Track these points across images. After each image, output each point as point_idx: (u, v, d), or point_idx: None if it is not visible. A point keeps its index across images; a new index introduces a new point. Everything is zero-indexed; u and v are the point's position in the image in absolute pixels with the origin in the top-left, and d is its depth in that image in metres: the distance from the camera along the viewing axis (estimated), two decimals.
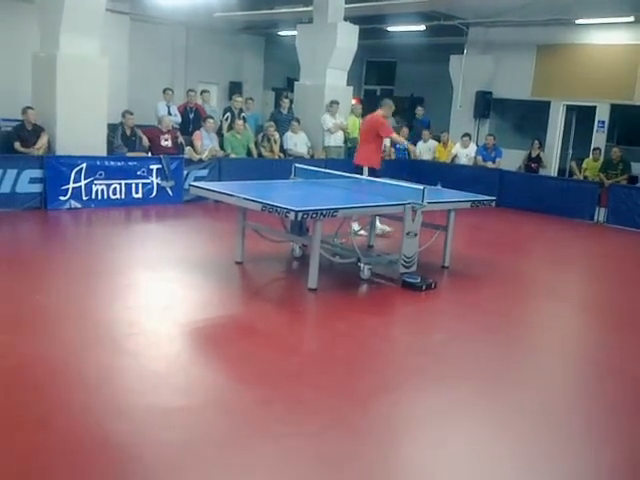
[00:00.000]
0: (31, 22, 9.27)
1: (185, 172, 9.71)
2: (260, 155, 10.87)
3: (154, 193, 9.44)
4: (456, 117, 14.88)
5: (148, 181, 9.36)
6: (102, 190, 8.93)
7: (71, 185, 8.62)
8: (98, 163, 8.88)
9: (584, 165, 11.86)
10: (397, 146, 12.89)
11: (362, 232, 7.83)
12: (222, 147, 10.45)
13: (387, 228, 8.13)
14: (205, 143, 10.14)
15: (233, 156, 10.42)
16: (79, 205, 8.71)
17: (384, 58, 18.07)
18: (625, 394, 4.09)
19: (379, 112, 8.29)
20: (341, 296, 5.72)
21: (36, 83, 9.09)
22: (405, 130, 13.30)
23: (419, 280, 5.99)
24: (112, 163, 9.05)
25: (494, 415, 3.68)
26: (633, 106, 12.71)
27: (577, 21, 12.49)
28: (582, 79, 13.11)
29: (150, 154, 9.74)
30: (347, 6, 11.65)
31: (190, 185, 6.92)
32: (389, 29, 14.85)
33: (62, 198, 8.59)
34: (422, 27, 14.18)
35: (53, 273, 5.90)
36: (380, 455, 3.13)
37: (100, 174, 8.87)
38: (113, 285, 5.56)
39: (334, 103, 11.25)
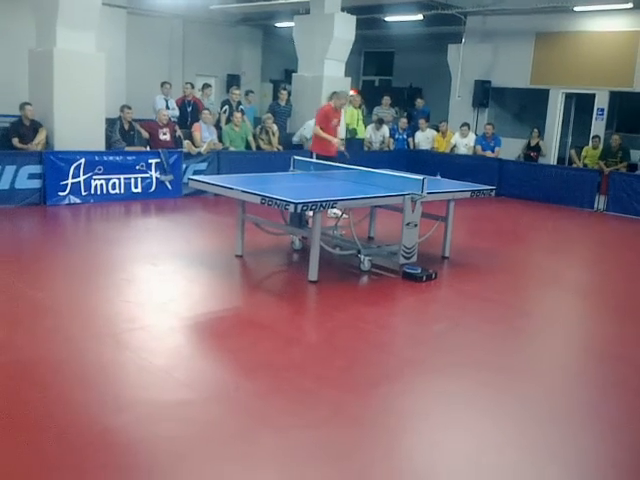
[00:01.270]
0: (28, 17, 9.23)
1: (184, 166, 9.70)
2: (259, 148, 10.85)
3: (153, 187, 9.43)
4: (455, 107, 14.83)
5: (147, 175, 9.35)
6: (101, 185, 8.92)
7: (70, 180, 8.61)
8: (97, 158, 8.86)
9: (583, 153, 11.84)
10: (396, 136, 12.88)
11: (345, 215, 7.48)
12: (221, 140, 10.43)
13: (338, 212, 7.58)
14: (204, 135, 10.13)
15: (232, 149, 10.40)
16: (78, 200, 8.70)
17: (382, 48, 18.00)
18: (626, 381, 4.10)
19: (330, 102, 8.51)
20: (342, 288, 5.72)
21: (33, 79, 9.06)
22: (404, 120, 13.31)
23: (419, 271, 5.99)
24: (111, 158, 9.03)
25: (496, 405, 3.69)
26: (632, 93, 12.68)
27: (575, 8, 12.43)
28: (581, 67, 13.07)
29: (149, 148, 9.73)
30: None
31: (189, 179, 6.91)
32: (387, 19, 14.78)
33: (61, 194, 8.58)
34: (420, 16, 14.11)
35: (53, 269, 5.90)
36: (383, 446, 3.14)
37: (99, 169, 8.86)
38: (113, 280, 5.56)
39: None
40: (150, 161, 9.36)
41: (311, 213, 5.77)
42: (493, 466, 3.05)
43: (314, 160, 7.94)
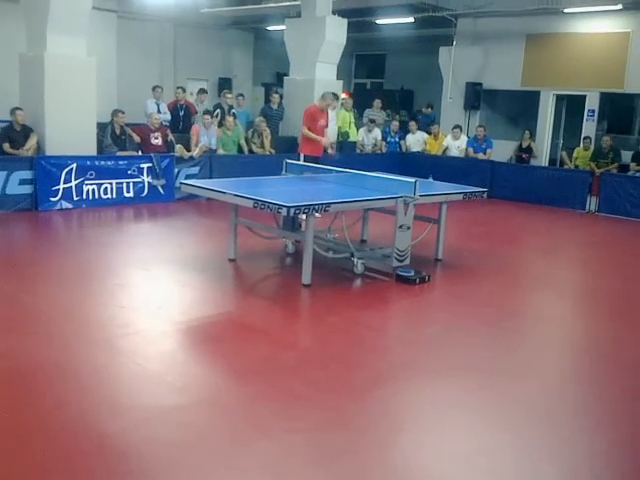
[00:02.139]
0: (18, 22, 9.19)
1: (176, 170, 9.68)
2: (251, 151, 10.84)
3: (145, 192, 9.41)
4: (446, 109, 14.87)
5: (139, 180, 9.32)
6: (93, 190, 8.89)
7: (62, 186, 8.57)
8: (88, 163, 8.83)
9: (575, 154, 11.89)
10: (388, 139, 12.91)
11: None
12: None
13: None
14: (201, 140, 10.10)
15: (221, 152, 10.36)
16: (70, 206, 8.67)
17: (373, 51, 18.05)
18: (618, 380, 4.12)
19: (316, 103, 8.60)
20: (335, 291, 5.72)
21: (24, 83, 9.02)
22: (395, 123, 13.35)
23: (413, 273, 6.00)
24: (102, 163, 9.00)
25: (491, 406, 3.69)
26: (622, 94, 12.75)
27: (565, 10, 12.50)
28: (571, 68, 13.13)
29: (140, 153, 9.70)
30: None
31: (181, 183, 6.90)
32: (378, 22, 14.83)
33: (53, 199, 8.54)
34: (411, 19, 14.17)
35: (46, 275, 5.87)
36: (377, 449, 3.14)
37: (91, 174, 8.82)
38: (107, 285, 5.54)
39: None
40: (142, 166, 9.34)
41: (304, 216, 5.77)
42: (489, 467, 3.06)
43: (304, 163, 7.96)
